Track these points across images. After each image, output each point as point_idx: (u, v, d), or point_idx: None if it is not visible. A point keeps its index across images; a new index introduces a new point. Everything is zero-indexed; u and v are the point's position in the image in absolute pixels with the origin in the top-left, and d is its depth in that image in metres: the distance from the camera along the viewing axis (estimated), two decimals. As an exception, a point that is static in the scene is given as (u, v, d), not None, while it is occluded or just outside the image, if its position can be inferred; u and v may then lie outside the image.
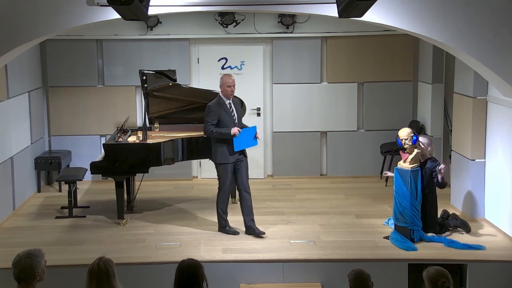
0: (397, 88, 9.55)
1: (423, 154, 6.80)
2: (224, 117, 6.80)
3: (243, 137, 6.80)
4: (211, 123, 6.77)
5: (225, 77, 6.87)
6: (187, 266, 3.82)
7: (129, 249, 6.60)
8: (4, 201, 7.61)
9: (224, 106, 6.83)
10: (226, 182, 6.91)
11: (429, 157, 6.87)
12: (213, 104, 6.84)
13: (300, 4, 6.24)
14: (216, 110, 6.78)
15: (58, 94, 9.33)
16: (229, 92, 6.80)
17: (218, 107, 6.80)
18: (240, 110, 7.10)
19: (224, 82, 6.81)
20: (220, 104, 6.82)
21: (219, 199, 7.00)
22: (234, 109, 6.90)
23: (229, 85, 6.79)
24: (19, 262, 3.57)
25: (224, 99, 6.83)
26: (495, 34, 6.10)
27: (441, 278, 3.85)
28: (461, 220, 7.04)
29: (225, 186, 6.94)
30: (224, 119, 6.79)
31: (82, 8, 6.12)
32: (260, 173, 9.57)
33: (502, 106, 6.95)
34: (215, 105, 6.82)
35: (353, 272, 4.03)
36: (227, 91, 6.80)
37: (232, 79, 6.85)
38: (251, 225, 6.96)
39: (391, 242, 6.70)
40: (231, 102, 6.88)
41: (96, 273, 3.67)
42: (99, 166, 7.30)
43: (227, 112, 6.83)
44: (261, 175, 9.57)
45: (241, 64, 9.40)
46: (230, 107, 6.87)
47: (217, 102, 6.85)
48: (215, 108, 6.80)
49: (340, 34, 9.31)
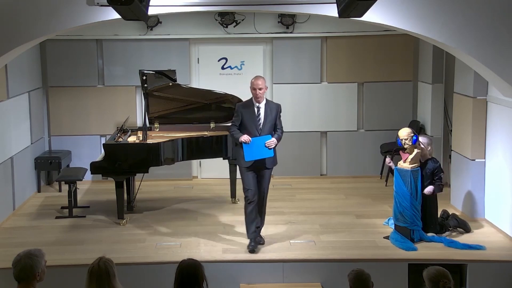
0: (397, 88, 9.55)
1: (423, 154, 6.80)
2: (247, 120, 6.37)
3: (255, 146, 6.29)
4: (233, 122, 6.45)
5: (253, 79, 6.41)
6: (187, 266, 3.82)
7: (129, 249, 6.60)
8: (4, 201, 7.61)
9: (251, 108, 6.40)
10: (246, 188, 6.39)
11: (429, 157, 6.87)
12: (240, 104, 6.60)
13: (300, 4, 6.25)
14: (240, 110, 6.42)
15: (58, 94, 9.33)
16: (255, 95, 6.36)
17: (244, 108, 6.43)
18: (272, 117, 6.44)
19: (251, 84, 6.38)
20: (248, 106, 6.44)
21: (244, 210, 6.54)
22: (262, 114, 6.39)
23: (254, 87, 6.33)
24: (19, 262, 3.57)
25: (254, 102, 6.40)
26: (495, 34, 6.10)
27: (442, 279, 3.85)
28: (461, 220, 7.05)
29: (246, 194, 6.39)
30: (247, 122, 6.37)
31: (82, 8, 6.13)
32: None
33: (502, 106, 6.95)
34: (242, 105, 6.50)
35: (353, 272, 4.03)
36: (253, 94, 6.38)
37: (259, 82, 6.35)
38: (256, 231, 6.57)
39: (391, 242, 6.70)
40: (260, 106, 6.39)
41: (96, 273, 3.67)
42: (99, 166, 7.30)
43: (252, 116, 6.38)
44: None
45: (241, 64, 9.40)
46: (258, 111, 6.39)
47: (245, 103, 6.52)
48: (240, 108, 6.44)
49: (340, 34, 9.31)
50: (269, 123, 6.43)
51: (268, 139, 6.33)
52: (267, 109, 6.42)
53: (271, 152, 6.37)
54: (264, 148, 6.31)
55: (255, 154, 6.30)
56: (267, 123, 6.41)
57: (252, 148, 6.27)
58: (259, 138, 6.32)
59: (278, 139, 6.46)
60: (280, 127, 6.53)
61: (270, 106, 6.47)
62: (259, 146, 6.30)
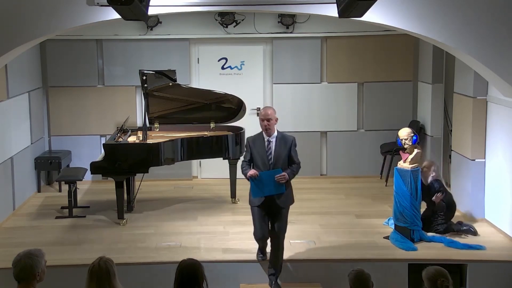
0: (397, 88, 9.54)
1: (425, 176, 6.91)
2: (257, 154, 5.81)
3: (264, 181, 5.67)
4: (244, 158, 5.93)
5: (264, 109, 5.92)
6: (187, 266, 3.82)
7: (129, 249, 6.60)
8: (4, 201, 7.61)
9: (261, 142, 5.83)
10: (255, 226, 5.91)
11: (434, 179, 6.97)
12: (250, 138, 5.98)
13: (300, 4, 6.25)
14: (250, 145, 5.87)
15: (58, 94, 9.33)
16: (263, 126, 5.81)
17: (253, 142, 5.87)
18: (284, 152, 5.79)
19: (261, 114, 5.87)
20: (257, 139, 5.87)
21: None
22: (273, 148, 5.77)
23: (262, 118, 5.80)
24: (19, 262, 3.56)
25: (264, 135, 5.83)
26: (495, 34, 6.10)
27: (440, 278, 3.87)
28: (468, 225, 7.01)
29: (254, 230, 5.95)
30: (257, 157, 5.81)
31: (82, 8, 6.13)
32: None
33: (502, 106, 6.95)
34: (252, 139, 5.92)
35: (353, 272, 4.03)
36: (261, 126, 5.83)
37: (268, 112, 5.82)
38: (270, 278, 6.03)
39: (391, 242, 6.70)
40: (271, 139, 5.79)
41: (96, 272, 3.67)
42: (99, 166, 7.30)
43: (262, 150, 5.79)
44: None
45: (241, 64, 9.39)
46: (268, 144, 5.79)
47: (255, 136, 5.93)
48: (250, 143, 5.89)
49: (340, 34, 9.30)
50: (282, 157, 5.77)
51: (279, 173, 5.68)
52: (279, 143, 5.80)
53: (282, 188, 5.72)
54: (274, 183, 5.67)
55: (264, 190, 5.69)
56: (279, 158, 5.76)
57: (260, 184, 5.65)
58: (267, 173, 5.70)
59: (291, 174, 5.78)
60: (297, 161, 5.87)
61: (283, 139, 5.85)
62: (268, 181, 5.67)
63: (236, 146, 7.94)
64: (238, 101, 8.21)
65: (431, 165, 7.02)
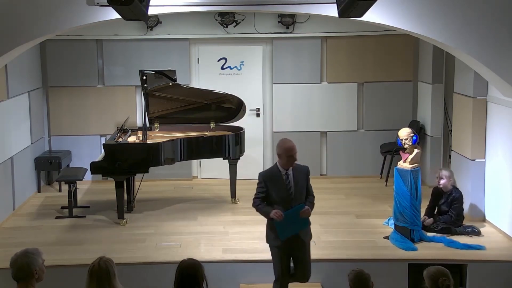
0: (397, 88, 9.54)
1: (445, 185, 6.95)
2: (276, 191, 5.23)
3: (289, 220, 5.18)
4: (257, 196, 5.27)
5: (286, 143, 5.24)
6: (187, 266, 3.82)
7: (129, 249, 6.60)
8: (4, 201, 7.61)
9: (278, 177, 5.25)
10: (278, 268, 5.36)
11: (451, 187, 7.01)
12: (264, 173, 5.37)
13: (300, 4, 6.24)
14: (266, 181, 5.26)
15: (58, 94, 9.33)
16: (290, 162, 5.22)
17: (269, 178, 5.28)
18: (302, 183, 5.31)
19: (285, 148, 5.19)
20: (274, 174, 5.29)
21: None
22: (292, 182, 5.26)
23: (289, 154, 5.18)
24: (16, 261, 3.56)
25: (280, 169, 5.26)
26: (495, 34, 6.10)
27: (441, 277, 3.87)
28: (471, 226, 7.01)
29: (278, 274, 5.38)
30: (276, 194, 5.23)
31: (82, 8, 6.13)
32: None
33: (502, 106, 6.95)
34: (267, 175, 5.32)
35: (353, 272, 4.03)
36: (285, 161, 5.22)
37: (291, 146, 5.21)
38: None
39: (391, 242, 6.70)
40: (289, 172, 5.25)
41: (96, 272, 3.67)
42: (99, 166, 7.30)
43: (281, 185, 5.24)
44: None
45: (240, 65, 9.36)
46: (287, 178, 5.26)
47: (271, 171, 5.37)
48: (265, 179, 5.27)
49: (340, 34, 9.30)
50: (300, 190, 5.31)
51: (301, 208, 5.22)
52: (296, 175, 5.30)
53: (307, 223, 5.37)
54: (298, 219, 5.25)
55: (290, 230, 5.27)
56: (298, 191, 5.29)
57: (285, 223, 5.19)
58: (291, 211, 5.22)
59: (312, 206, 5.36)
60: (312, 193, 5.42)
61: (298, 169, 5.33)
62: (293, 219, 5.24)
63: (236, 146, 7.94)
64: (238, 101, 8.21)
65: (451, 175, 7.04)
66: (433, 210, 7.11)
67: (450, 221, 6.90)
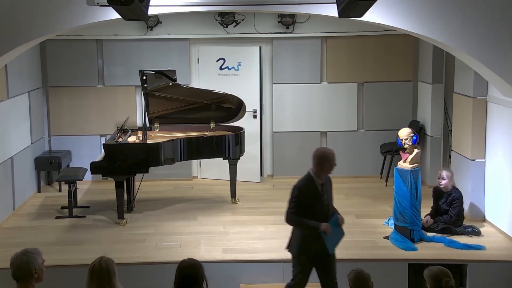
0: (397, 88, 9.54)
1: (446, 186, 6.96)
2: (315, 201, 5.02)
3: (333, 232, 5.03)
4: (293, 210, 4.99)
5: (329, 150, 5.11)
6: (187, 266, 3.82)
7: (129, 249, 6.60)
8: (4, 201, 7.61)
9: (315, 188, 5.03)
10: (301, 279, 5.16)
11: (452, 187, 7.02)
12: (300, 185, 5.04)
13: (300, 4, 6.24)
14: (304, 193, 5.00)
15: (58, 94, 9.33)
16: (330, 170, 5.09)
17: (307, 189, 5.01)
18: (331, 192, 5.19)
19: (328, 158, 5.03)
20: (310, 185, 5.02)
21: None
22: (325, 192, 5.10)
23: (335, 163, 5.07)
24: (15, 261, 3.57)
25: (316, 179, 5.03)
26: (495, 34, 6.10)
27: (444, 277, 3.86)
28: (471, 226, 7.01)
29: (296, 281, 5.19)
30: (314, 205, 5.02)
31: (82, 8, 6.13)
32: (256, 176, 9.46)
33: (502, 106, 6.95)
34: (303, 187, 5.02)
35: (353, 272, 4.03)
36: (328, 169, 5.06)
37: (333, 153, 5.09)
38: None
39: (391, 242, 6.70)
40: (322, 181, 5.08)
41: (97, 271, 3.67)
42: (99, 166, 7.30)
43: (318, 196, 5.04)
44: (257, 179, 9.46)
45: (238, 65, 9.22)
46: (322, 189, 5.06)
47: (307, 182, 5.05)
48: (303, 191, 5.01)
49: (340, 34, 9.30)
50: (331, 200, 5.17)
51: (336, 218, 5.10)
52: (326, 184, 5.15)
53: (343, 231, 5.20)
54: (337, 229, 5.11)
55: (335, 240, 5.14)
56: (330, 201, 5.15)
57: (332, 236, 5.05)
58: (333, 222, 5.07)
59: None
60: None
61: (326, 179, 5.16)
62: (334, 230, 5.07)
63: (236, 146, 7.94)
64: (238, 101, 8.21)
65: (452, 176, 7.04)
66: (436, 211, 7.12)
67: (450, 221, 6.90)
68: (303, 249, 5.11)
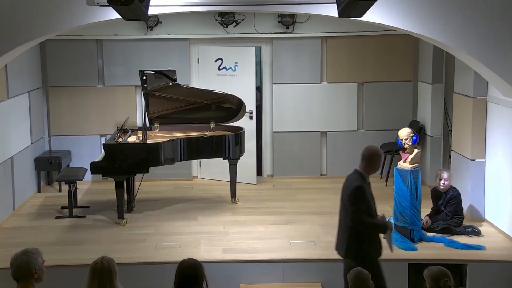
0: (397, 88, 9.54)
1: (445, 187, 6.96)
2: (371, 203, 4.95)
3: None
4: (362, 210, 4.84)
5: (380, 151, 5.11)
6: (187, 266, 3.82)
7: (129, 249, 6.60)
8: (4, 201, 7.61)
9: (368, 187, 4.98)
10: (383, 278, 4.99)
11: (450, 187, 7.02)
12: (360, 184, 4.89)
13: (300, 4, 6.24)
14: (365, 194, 4.88)
15: (58, 94, 9.33)
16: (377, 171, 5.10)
17: (366, 187, 4.93)
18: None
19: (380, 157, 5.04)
20: (365, 185, 4.94)
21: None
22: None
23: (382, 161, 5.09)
24: (15, 260, 3.57)
25: (366, 178, 4.98)
26: (495, 34, 6.10)
27: (443, 277, 3.87)
28: (471, 226, 7.01)
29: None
30: (371, 206, 4.96)
31: (82, 8, 6.13)
32: (252, 178, 9.35)
33: (502, 106, 6.95)
34: (363, 185, 4.90)
35: (353, 271, 4.03)
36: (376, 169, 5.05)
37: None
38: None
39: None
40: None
41: (99, 270, 3.67)
42: (99, 166, 7.30)
43: (371, 195, 4.98)
44: (253, 180, 9.34)
45: (235, 65, 9.13)
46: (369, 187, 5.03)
47: (363, 182, 4.93)
48: (365, 191, 4.87)
49: (340, 34, 9.30)
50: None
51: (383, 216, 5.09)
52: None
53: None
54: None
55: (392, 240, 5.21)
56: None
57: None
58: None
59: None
60: None
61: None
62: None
63: (236, 146, 7.94)
64: (238, 101, 8.21)
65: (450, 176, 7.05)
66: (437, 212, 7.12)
67: (445, 219, 6.88)
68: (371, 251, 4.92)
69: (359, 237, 4.90)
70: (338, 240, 5.13)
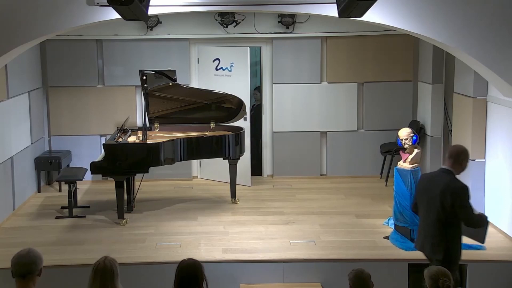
0: (397, 88, 9.55)
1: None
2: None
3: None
4: (472, 210, 4.92)
5: (467, 150, 5.00)
6: (187, 266, 3.82)
7: (129, 249, 6.60)
8: (4, 201, 7.61)
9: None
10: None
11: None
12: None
13: (300, 4, 6.25)
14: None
15: (58, 94, 9.33)
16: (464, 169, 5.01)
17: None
18: None
19: (468, 156, 4.98)
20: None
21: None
22: None
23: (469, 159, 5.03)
24: (23, 258, 3.55)
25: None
26: (495, 34, 6.10)
27: (442, 277, 3.87)
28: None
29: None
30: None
31: (82, 8, 6.13)
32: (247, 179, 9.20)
33: (502, 106, 6.95)
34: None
35: (353, 272, 4.03)
36: (464, 169, 5.00)
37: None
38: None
39: (391, 242, 6.70)
40: None
41: (101, 270, 3.67)
42: (99, 166, 7.30)
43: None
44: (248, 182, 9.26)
45: (230, 66, 9.07)
46: None
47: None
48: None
49: (340, 34, 9.30)
50: None
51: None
52: None
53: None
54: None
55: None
56: None
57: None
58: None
59: None
60: None
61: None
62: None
63: (236, 146, 7.94)
64: (238, 101, 8.21)
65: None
66: None
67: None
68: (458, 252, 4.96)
69: (454, 236, 4.93)
70: (423, 240, 5.10)
